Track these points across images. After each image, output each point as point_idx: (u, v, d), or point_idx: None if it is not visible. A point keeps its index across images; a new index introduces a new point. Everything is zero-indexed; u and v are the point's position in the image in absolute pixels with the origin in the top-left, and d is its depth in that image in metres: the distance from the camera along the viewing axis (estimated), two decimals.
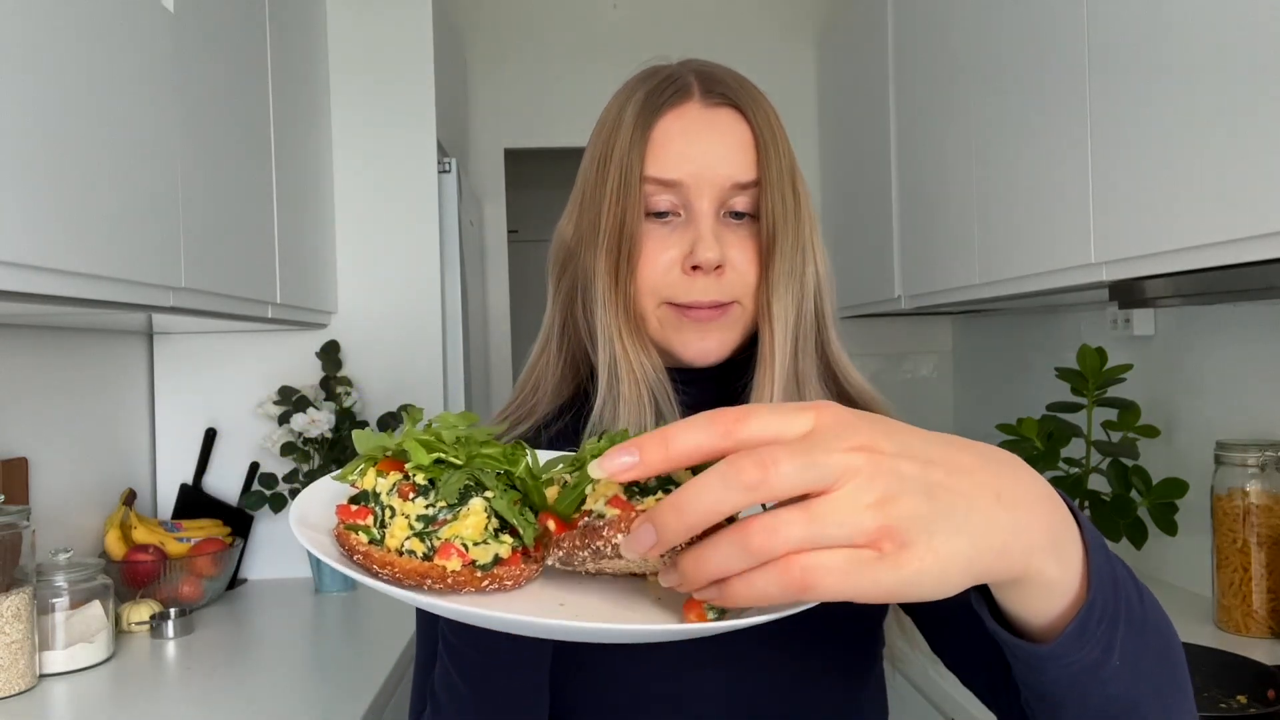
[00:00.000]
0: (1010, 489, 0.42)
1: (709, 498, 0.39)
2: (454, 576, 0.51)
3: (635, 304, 0.78)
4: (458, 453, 0.54)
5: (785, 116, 0.85)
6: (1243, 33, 1.17)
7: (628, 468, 0.40)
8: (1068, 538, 0.45)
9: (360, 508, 0.55)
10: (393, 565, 0.52)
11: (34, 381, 1.72)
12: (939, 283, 2.16)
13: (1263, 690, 1.28)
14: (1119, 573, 0.49)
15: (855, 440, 0.39)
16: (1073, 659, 0.47)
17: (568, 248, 0.84)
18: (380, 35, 2.22)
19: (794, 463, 0.38)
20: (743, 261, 0.78)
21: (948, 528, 0.39)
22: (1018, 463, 0.44)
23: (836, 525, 0.38)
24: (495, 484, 0.54)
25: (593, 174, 0.80)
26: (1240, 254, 1.19)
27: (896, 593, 0.39)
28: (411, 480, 0.54)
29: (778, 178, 0.78)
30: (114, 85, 1.25)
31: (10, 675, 1.37)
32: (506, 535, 0.53)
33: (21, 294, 1.08)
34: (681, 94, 0.79)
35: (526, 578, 0.54)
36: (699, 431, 0.40)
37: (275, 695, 1.41)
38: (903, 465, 0.39)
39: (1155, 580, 1.90)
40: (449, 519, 0.53)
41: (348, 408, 2.07)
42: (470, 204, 2.55)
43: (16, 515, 1.40)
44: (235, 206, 1.64)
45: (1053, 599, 0.46)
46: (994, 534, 0.41)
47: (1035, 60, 1.67)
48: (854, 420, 0.40)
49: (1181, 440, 1.84)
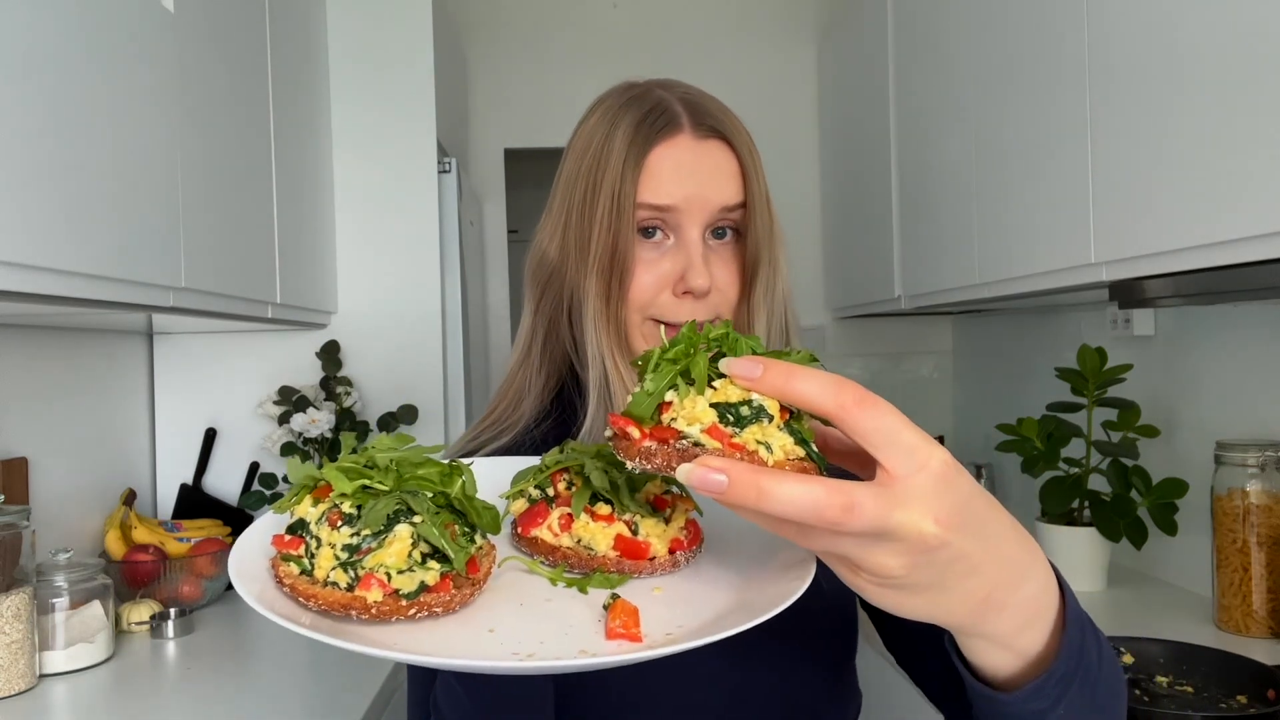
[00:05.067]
0: (1002, 591, 0.48)
1: (789, 507, 0.42)
2: (377, 607, 0.51)
3: (625, 322, 0.82)
4: (384, 478, 0.54)
5: (785, 116, 0.87)
6: (1243, 33, 1.17)
7: (747, 376, 0.44)
8: (1041, 619, 0.51)
9: (293, 538, 0.55)
10: (317, 597, 0.52)
11: (34, 381, 1.72)
12: (939, 283, 2.17)
13: (1263, 690, 1.28)
14: (1087, 641, 0.54)
15: (936, 510, 0.43)
16: (1024, 707, 0.53)
17: (551, 264, 0.87)
18: (380, 35, 2.22)
19: (869, 524, 0.42)
20: (726, 281, 0.84)
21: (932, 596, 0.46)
22: (1029, 557, 0.49)
23: (871, 564, 0.44)
24: (425, 507, 0.53)
25: (580, 195, 0.84)
26: (1240, 254, 1.19)
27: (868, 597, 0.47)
28: (339, 508, 0.54)
29: (760, 201, 0.84)
30: (114, 85, 1.25)
31: (10, 675, 1.37)
32: (435, 561, 0.53)
33: (21, 294, 1.08)
34: (673, 126, 0.82)
35: (460, 603, 0.54)
36: (820, 391, 0.43)
37: (275, 695, 1.40)
38: (941, 555, 0.44)
39: (1155, 580, 1.91)
40: (373, 547, 0.52)
41: (348, 408, 2.07)
42: (470, 204, 2.55)
43: (16, 515, 1.40)
44: (235, 206, 1.64)
45: (1016, 661, 0.52)
46: (960, 616, 0.48)
47: (1035, 60, 1.67)
48: (948, 482, 0.43)
49: (1181, 440, 1.84)
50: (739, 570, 0.59)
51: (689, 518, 0.62)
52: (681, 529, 0.61)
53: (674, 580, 0.59)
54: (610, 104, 0.85)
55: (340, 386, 2.10)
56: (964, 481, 0.44)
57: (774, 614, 0.50)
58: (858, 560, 0.45)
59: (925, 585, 0.45)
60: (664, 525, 0.60)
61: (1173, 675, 1.38)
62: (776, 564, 0.57)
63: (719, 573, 0.60)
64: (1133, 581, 1.89)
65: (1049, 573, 0.51)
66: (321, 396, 2.10)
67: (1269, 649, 1.46)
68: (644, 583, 0.59)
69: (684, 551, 0.60)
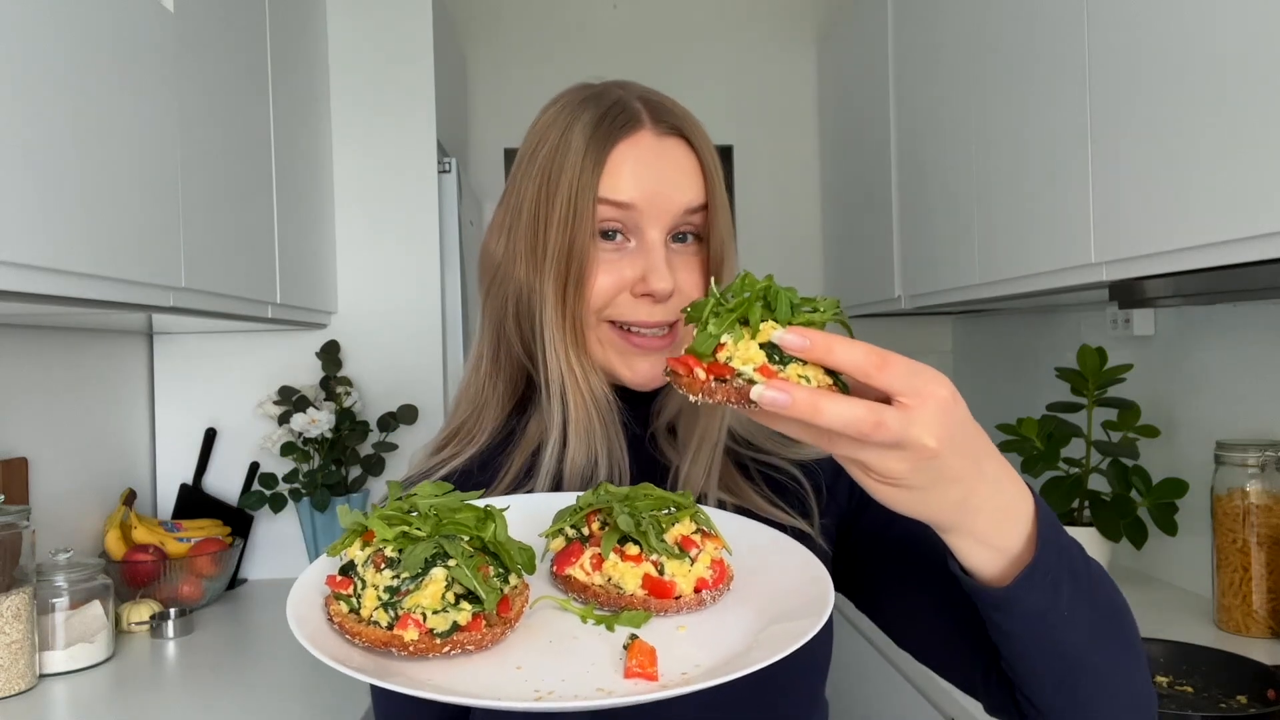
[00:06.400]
0: (978, 496, 0.58)
1: (836, 420, 0.51)
2: (414, 645, 0.56)
3: (583, 324, 0.80)
4: (423, 524, 0.59)
5: (785, 116, 0.87)
6: (1243, 33, 1.17)
7: (797, 347, 0.53)
8: (1015, 521, 0.61)
9: (344, 578, 0.60)
10: (361, 635, 0.57)
11: (34, 381, 1.72)
12: (939, 283, 2.17)
13: (1263, 690, 1.28)
14: (1066, 545, 0.63)
15: (936, 430, 0.53)
16: (1023, 601, 0.61)
17: (496, 264, 0.85)
18: (380, 35, 2.22)
19: (890, 436, 0.52)
20: (689, 284, 0.81)
21: (923, 495, 0.57)
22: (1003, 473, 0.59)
23: (882, 467, 0.54)
24: (460, 551, 0.58)
25: (534, 193, 0.81)
26: (1240, 254, 1.19)
27: (873, 493, 0.57)
28: (383, 551, 0.59)
29: (721, 202, 0.82)
30: (114, 85, 1.25)
31: (10, 675, 1.37)
32: (467, 603, 0.58)
33: (21, 294, 1.08)
34: (634, 123, 0.80)
35: (492, 641, 0.58)
36: (851, 359, 0.53)
37: (275, 695, 1.41)
38: (935, 464, 0.54)
39: (1155, 580, 1.91)
40: (411, 589, 0.57)
41: (348, 408, 2.07)
42: (470, 204, 2.55)
43: (16, 515, 1.40)
44: (235, 206, 1.64)
45: (999, 559, 0.61)
46: (944, 513, 0.59)
47: (1035, 60, 1.67)
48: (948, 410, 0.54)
49: (1181, 440, 1.84)
50: (760, 610, 0.63)
51: (716, 557, 0.65)
52: (707, 569, 0.64)
53: (699, 618, 0.63)
54: (566, 102, 0.84)
55: (340, 386, 2.10)
56: (959, 410, 0.54)
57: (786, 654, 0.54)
58: (873, 464, 0.54)
59: (919, 486, 0.55)
60: (689, 565, 0.63)
61: (1173, 675, 1.38)
62: (793, 603, 0.62)
63: (742, 611, 0.63)
64: (1133, 581, 1.89)
65: (1021, 487, 0.61)
66: (321, 396, 2.10)
67: (1269, 649, 1.46)
68: (669, 620, 0.62)
69: (710, 590, 0.63)
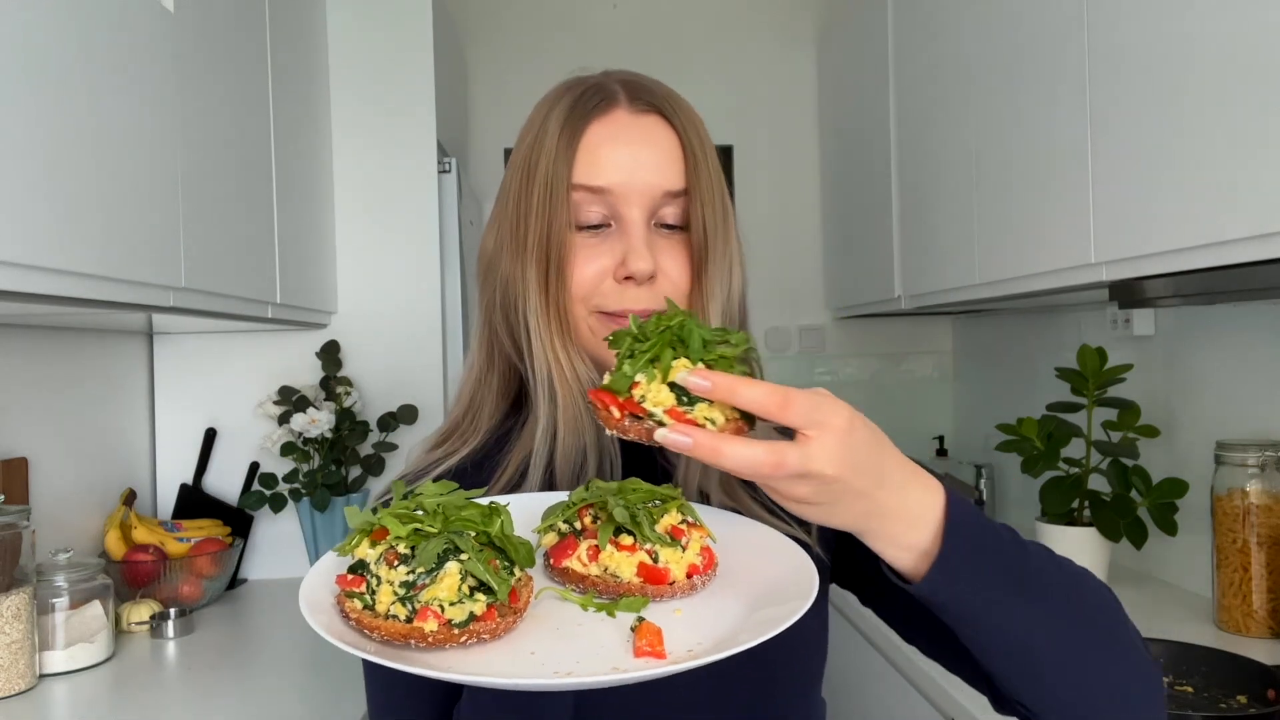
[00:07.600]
0: (883, 505, 0.62)
1: (737, 462, 0.56)
2: (433, 636, 0.58)
3: (567, 313, 0.78)
4: (433, 521, 0.61)
5: (785, 117, 0.86)
6: (1243, 33, 1.17)
7: (701, 389, 0.57)
8: (922, 523, 0.63)
9: (355, 576, 0.62)
10: (380, 629, 0.59)
11: (34, 381, 1.72)
12: (939, 283, 2.17)
13: (1263, 690, 1.28)
14: (984, 537, 0.65)
15: (835, 459, 0.57)
16: (940, 591, 0.64)
17: (489, 256, 0.84)
18: (380, 35, 2.22)
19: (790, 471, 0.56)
20: (675, 270, 0.79)
21: (829, 510, 0.61)
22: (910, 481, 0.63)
23: (790, 493, 0.59)
24: (470, 546, 0.60)
25: (517, 183, 0.80)
26: (1240, 254, 1.19)
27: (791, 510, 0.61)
28: (395, 549, 0.61)
29: (708, 187, 0.79)
30: (114, 85, 1.25)
31: (10, 675, 1.37)
32: (481, 594, 0.60)
33: (21, 294, 1.08)
34: (608, 102, 0.79)
35: (505, 629, 0.61)
36: (754, 400, 0.56)
37: (275, 695, 1.41)
38: (836, 487, 0.58)
39: (1155, 580, 1.91)
40: (427, 583, 0.59)
41: (348, 408, 2.07)
42: (470, 204, 2.55)
43: (16, 515, 1.40)
44: (235, 206, 1.64)
45: (913, 557, 0.64)
46: (853, 524, 0.62)
47: (1035, 60, 1.67)
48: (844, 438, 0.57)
49: (1181, 440, 1.84)
50: (750, 592, 0.66)
51: (704, 545, 0.68)
52: (698, 555, 0.67)
53: (692, 602, 0.66)
54: (551, 91, 0.83)
55: (340, 386, 2.10)
56: (856, 434, 0.58)
57: (781, 629, 0.58)
58: (780, 490, 0.59)
59: (826, 504, 0.60)
60: (681, 553, 0.66)
61: (1173, 675, 1.38)
62: (782, 587, 0.65)
63: (732, 594, 0.67)
64: (1133, 581, 1.89)
65: (929, 488, 0.64)
66: (321, 396, 2.10)
67: (1269, 649, 1.46)
68: (665, 605, 0.65)
69: (700, 575, 0.67)
